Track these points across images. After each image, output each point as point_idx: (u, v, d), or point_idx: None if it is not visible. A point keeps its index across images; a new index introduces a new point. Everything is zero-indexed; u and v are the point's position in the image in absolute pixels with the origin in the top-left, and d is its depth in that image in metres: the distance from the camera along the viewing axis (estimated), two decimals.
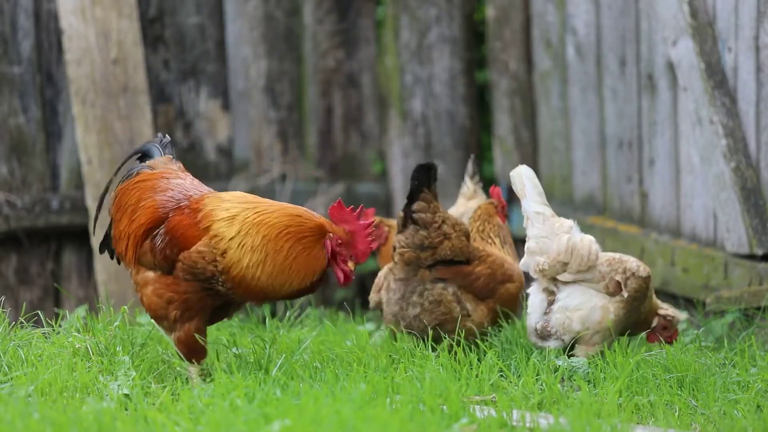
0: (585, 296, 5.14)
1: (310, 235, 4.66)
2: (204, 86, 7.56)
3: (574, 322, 5.11)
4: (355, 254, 4.68)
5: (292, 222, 4.67)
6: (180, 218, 4.71)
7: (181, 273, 4.67)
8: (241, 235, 4.65)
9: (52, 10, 7.17)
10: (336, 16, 7.75)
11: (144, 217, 4.78)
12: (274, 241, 4.64)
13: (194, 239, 4.66)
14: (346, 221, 4.69)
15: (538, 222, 5.17)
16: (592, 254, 5.14)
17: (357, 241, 4.68)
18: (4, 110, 7.14)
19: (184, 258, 4.66)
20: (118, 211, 4.86)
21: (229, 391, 4.38)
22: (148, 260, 4.74)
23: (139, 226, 4.77)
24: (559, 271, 5.14)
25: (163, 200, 4.79)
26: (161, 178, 4.87)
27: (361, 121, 7.85)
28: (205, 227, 4.66)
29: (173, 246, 4.68)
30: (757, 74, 5.98)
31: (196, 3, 7.50)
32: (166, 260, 4.69)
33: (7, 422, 4.04)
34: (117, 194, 4.88)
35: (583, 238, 5.17)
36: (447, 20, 7.75)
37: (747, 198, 6.03)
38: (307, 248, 4.65)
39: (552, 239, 5.14)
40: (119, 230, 4.83)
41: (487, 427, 4.16)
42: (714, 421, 4.44)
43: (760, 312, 5.91)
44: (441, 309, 5.16)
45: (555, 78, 7.39)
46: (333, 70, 7.77)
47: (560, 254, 5.13)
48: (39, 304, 7.19)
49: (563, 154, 7.38)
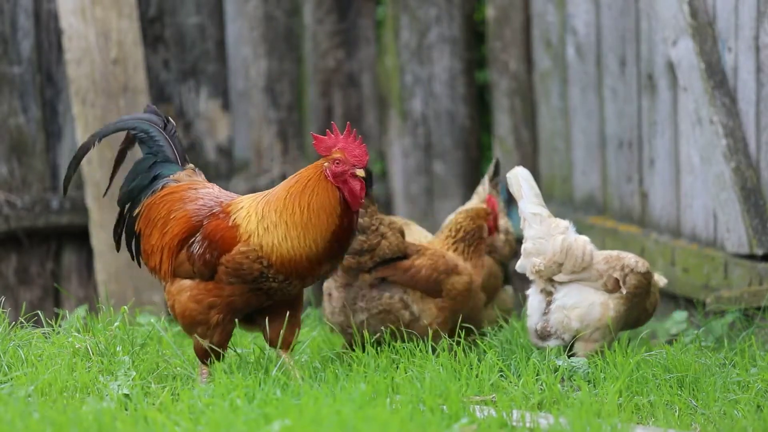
0: (582, 294, 5.15)
1: (310, 182, 4.66)
2: (204, 86, 7.56)
3: (572, 320, 5.12)
4: (354, 161, 4.65)
5: (291, 184, 4.69)
6: (216, 222, 4.70)
7: (225, 276, 4.65)
8: (260, 221, 4.65)
9: (52, 10, 7.17)
10: (336, 16, 7.75)
11: (177, 227, 4.75)
12: (284, 208, 4.64)
13: (233, 240, 4.65)
14: (331, 145, 4.69)
15: (535, 223, 5.18)
16: (587, 255, 5.14)
17: (350, 150, 4.67)
18: (4, 110, 7.14)
19: (227, 261, 4.64)
20: (147, 226, 4.83)
21: (229, 391, 4.38)
22: (186, 270, 4.71)
23: (173, 237, 4.75)
24: (555, 272, 5.15)
25: (195, 209, 4.77)
26: (188, 189, 4.85)
27: (361, 121, 7.85)
28: (237, 228, 4.66)
29: (213, 250, 4.66)
30: (757, 74, 5.98)
31: (196, 3, 7.50)
32: (207, 266, 4.67)
33: (7, 422, 4.04)
34: (144, 209, 4.84)
35: (577, 238, 5.18)
36: (447, 20, 7.75)
37: (747, 198, 6.03)
38: (314, 192, 4.65)
39: (548, 240, 5.15)
40: (151, 245, 4.80)
41: (487, 427, 4.16)
42: (714, 421, 4.44)
43: (760, 312, 5.91)
44: (390, 318, 5.18)
45: (555, 78, 7.39)
46: (333, 70, 7.77)
47: (555, 255, 5.14)
48: (39, 304, 7.19)
49: (563, 154, 7.37)
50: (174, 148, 4.95)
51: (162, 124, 4.96)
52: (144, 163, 4.93)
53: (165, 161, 4.93)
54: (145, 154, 4.95)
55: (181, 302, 4.70)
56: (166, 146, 4.94)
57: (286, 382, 4.58)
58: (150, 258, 4.81)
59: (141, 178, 4.91)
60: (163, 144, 4.94)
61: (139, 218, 4.86)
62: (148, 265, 4.84)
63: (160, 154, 4.94)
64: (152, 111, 5.02)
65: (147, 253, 4.83)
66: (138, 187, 4.90)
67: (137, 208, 4.87)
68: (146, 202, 4.86)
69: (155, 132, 4.95)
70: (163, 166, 4.93)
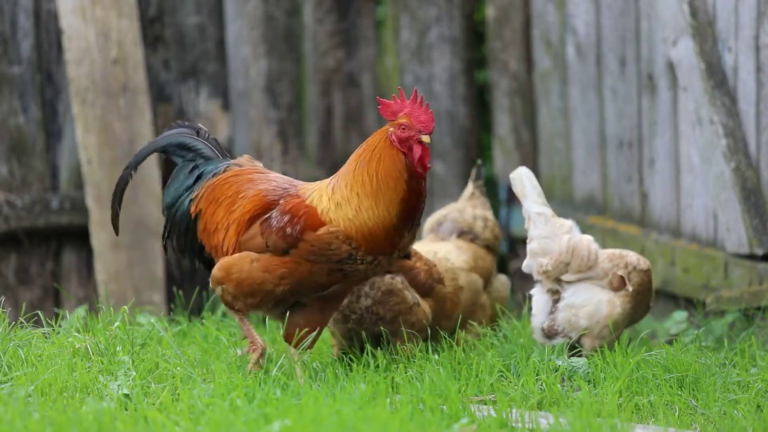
0: (590, 292, 5.17)
1: (376, 149, 4.64)
2: (204, 86, 7.56)
3: (581, 318, 5.14)
4: (420, 127, 4.64)
5: (358, 154, 4.67)
6: (298, 200, 4.68)
7: (306, 254, 4.62)
8: (331, 197, 4.65)
9: (52, 10, 7.17)
10: (336, 16, 7.74)
11: (250, 204, 4.73)
12: (354, 180, 4.63)
13: (318, 219, 4.62)
14: (397, 110, 4.68)
15: (540, 223, 5.20)
16: (592, 254, 5.17)
17: (416, 115, 4.67)
18: (4, 110, 7.14)
19: (313, 240, 4.62)
20: (210, 205, 4.80)
21: (229, 391, 4.38)
22: (257, 243, 4.68)
23: (243, 213, 4.72)
24: (562, 272, 5.16)
25: (269, 188, 4.76)
26: (255, 172, 4.85)
27: (361, 121, 7.85)
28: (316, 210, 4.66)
29: (294, 225, 4.62)
30: (757, 74, 5.97)
31: (196, 3, 7.50)
32: (285, 239, 4.63)
33: (7, 422, 4.04)
34: (205, 190, 4.83)
35: (582, 238, 5.20)
36: (447, 20, 7.75)
37: (747, 198, 6.03)
38: (381, 159, 4.63)
39: (554, 240, 5.17)
40: (215, 221, 4.78)
41: (487, 427, 4.16)
42: (714, 421, 4.44)
43: (760, 312, 5.91)
44: (394, 299, 5.16)
45: (555, 78, 7.39)
46: (333, 70, 7.77)
47: (562, 254, 5.16)
48: (39, 304, 7.19)
49: (563, 154, 7.37)
50: (213, 149, 4.94)
51: (194, 132, 4.97)
52: (181, 171, 4.93)
53: (205, 161, 4.92)
54: (180, 163, 4.95)
55: (245, 269, 4.68)
56: (204, 149, 4.94)
57: (287, 382, 4.58)
58: (213, 236, 4.80)
59: (184, 180, 4.91)
60: (200, 147, 4.94)
61: (197, 200, 4.84)
62: (208, 244, 4.81)
63: (198, 158, 4.93)
64: (179, 126, 5.03)
65: (209, 232, 4.81)
66: (183, 187, 4.90)
67: (196, 192, 4.85)
68: (208, 184, 4.84)
69: (189, 140, 4.96)
70: (205, 164, 4.91)
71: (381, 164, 4.63)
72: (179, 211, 4.91)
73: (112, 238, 7.15)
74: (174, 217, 4.93)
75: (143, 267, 7.21)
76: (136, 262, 7.19)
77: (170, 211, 4.95)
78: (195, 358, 4.98)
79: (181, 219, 4.90)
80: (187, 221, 4.88)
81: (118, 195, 5.07)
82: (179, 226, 4.91)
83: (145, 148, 5.06)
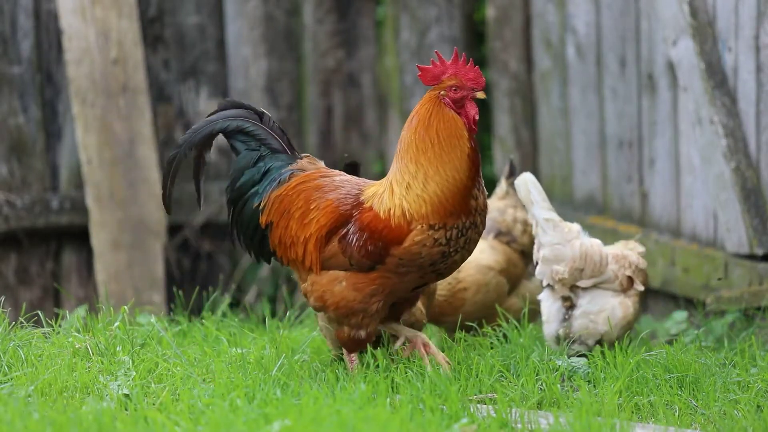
0: (604, 298, 5.18)
1: (432, 116, 4.57)
2: (204, 86, 7.56)
3: (599, 324, 5.15)
4: (472, 85, 4.57)
5: (413, 127, 4.59)
6: (370, 214, 4.59)
7: (394, 267, 4.54)
8: (399, 183, 4.59)
9: (52, 10, 7.17)
10: (336, 16, 7.75)
11: (324, 218, 4.62)
12: (417, 154, 4.56)
13: (401, 230, 4.53)
14: (438, 73, 4.60)
15: (549, 229, 5.17)
16: (603, 258, 5.17)
17: (464, 74, 4.58)
18: (4, 110, 7.14)
19: (400, 253, 4.53)
20: (281, 217, 4.67)
21: (229, 391, 4.38)
22: (340, 262, 4.59)
23: (319, 228, 4.61)
24: (577, 278, 5.16)
25: (339, 197, 4.65)
26: (320, 177, 4.72)
27: (361, 121, 7.85)
28: (401, 217, 4.56)
29: (376, 241, 4.54)
30: (757, 74, 5.97)
31: (196, 3, 7.50)
32: (369, 257, 4.55)
33: (7, 422, 4.04)
34: (272, 201, 4.68)
35: (592, 242, 5.20)
36: (447, 20, 7.75)
37: (747, 198, 6.03)
38: (440, 122, 4.56)
39: (565, 246, 5.15)
40: (289, 235, 4.64)
41: (487, 427, 4.16)
42: (714, 421, 4.44)
43: (760, 312, 5.91)
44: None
45: (555, 78, 7.39)
46: (333, 70, 7.77)
47: (576, 261, 5.14)
48: (39, 304, 7.19)
49: (563, 154, 7.37)
50: (279, 139, 4.77)
51: (257, 117, 4.78)
52: (244, 160, 4.76)
53: (271, 153, 4.76)
54: (244, 151, 4.76)
55: (336, 292, 4.59)
56: (269, 138, 4.76)
57: (287, 382, 4.58)
58: (290, 249, 4.66)
59: (249, 173, 4.75)
60: (264, 136, 4.76)
61: (265, 211, 4.70)
62: (285, 257, 4.69)
63: (263, 147, 4.76)
64: (232, 105, 4.84)
65: (284, 245, 4.67)
66: (249, 182, 4.74)
67: (259, 201, 4.71)
68: (274, 194, 4.69)
69: (251, 126, 4.78)
70: (272, 159, 4.75)
71: (440, 127, 4.54)
72: (246, 210, 4.74)
73: (112, 238, 7.16)
74: (240, 215, 4.76)
75: (143, 267, 7.21)
76: (136, 262, 7.20)
77: (234, 204, 4.76)
78: (195, 358, 4.98)
79: (248, 222, 4.74)
80: (255, 227, 4.73)
81: (170, 175, 4.84)
82: (246, 229, 4.75)
83: (201, 127, 4.82)
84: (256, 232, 4.74)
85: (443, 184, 4.53)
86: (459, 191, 4.53)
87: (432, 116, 4.58)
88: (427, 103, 4.60)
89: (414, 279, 4.60)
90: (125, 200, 7.25)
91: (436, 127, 4.56)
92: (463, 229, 4.55)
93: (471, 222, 4.56)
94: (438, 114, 4.57)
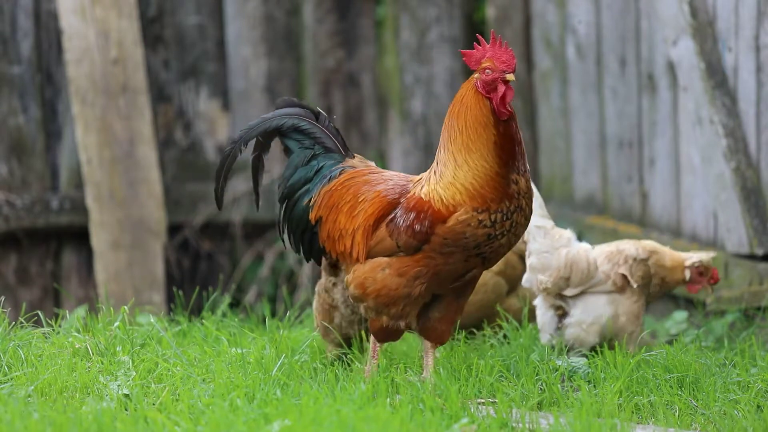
0: (597, 308, 5.14)
1: (465, 99, 4.55)
2: (204, 86, 7.56)
3: (590, 335, 5.13)
4: (503, 67, 4.52)
5: (450, 110, 4.58)
6: (416, 197, 4.56)
7: (439, 247, 4.50)
8: (433, 173, 4.56)
9: (51, 10, 7.17)
10: (336, 16, 7.74)
11: (372, 207, 4.61)
12: (448, 139, 4.54)
13: (447, 209, 4.49)
14: (480, 57, 4.56)
15: (539, 236, 5.14)
16: (591, 265, 5.13)
17: (497, 56, 4.54)
18: (4, 110, 7.14)
19: (445, 232, 4.49)
20: (330, 212, 4.67)
21: (229, 391, 4.38)
22: (387, 246, 4.56)
23: (367, 217, 4.60)
24: (562, 287, 5.12)
25: (387, 188, 4.63)
26: (369, 173, 4.72)
27: (361, 121, 7.85)
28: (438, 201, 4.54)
29: (423, 220, 4.50)
30: (757, 74, 5.97)
31: (196, 3, 7.50)
32: (416, 237, 4.50)
33: (7, 422, 4.04)
34: (322, 196, 4.68)
35: (579, 249, 5.14)
36: (447, 20, 7.75)
37: (747, 198, 6.03)
38: (468, 108, 4.54)
39: (552, 254, 5.12)
40: (338, 229, 4.64)
41: (487, 427, 4.16)
42: (714, 421, 4.44)
43: (760, 312, 5.91)
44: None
45: (555, 78, 7.39)
46: (333, 70, 7.77)
47: (560, 270, 5.11)
48: (39, 304, 7.19)
49: (563, 154, 7.37)
50: (333, 138, 4.77)
51: (313, 117, 4.78)
52: (299, 158, 4.76)
53: (325, 152, 4.77)
54: (297, 149, 4.76)
55: (379, 279, 4.56)
56: (324, 137, 4.76)
57: (287, 382, 4.58)
58: (338, 242, 4.65)
59: (302, 170, 4.75)
60: (319, 135, 4.76)
61: (315, 206, 4.70)
62: (334, 251, 4.67)
63: (317, 146, 4.76)
64: (288, 104, 4.84)
65: (333, 239, 4.67)
66: (301, 180, 4.74)
67: (309, 198, 4.72)
68: (324, 189, 4.70)
69: (307, 125, 4.78)
70: (325, 157, 4.76)
71: (468, 113, 4.53)
72: (296, 208, 4.75)
73: (112, 238, 7.16)
74: (291, 213, 4.76)
75: (143, 267, 7.21)
76: (136, 262, 7.20)
77: (286, 202, 4.77)
78: (195, 358, 4.98)
79: (299, 220, 4.74)
80: (305, 225, 4.73)
81: (224, 171, 4.81)
82: (296, 227, 4.75)
83: (257, 125, 4.80)
84: (306, 229, 4.74)
85: (472, 172, 4.51)
86: (491, 179, 4.49)
87: (464, 101, 4.56)
88: (463, 88, 4.59)
89: (458, 262, 4.53)
90: (125, 200, 7.25)
91: (465, 114, 4.55)
92: (507, 213, 4.50)
93: (516, 206, 4.51)
94: (470, 100, 4.55)
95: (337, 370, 4.76)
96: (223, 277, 7.50)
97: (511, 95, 4.52)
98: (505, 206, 4.50)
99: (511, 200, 4.50)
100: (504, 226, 4.50)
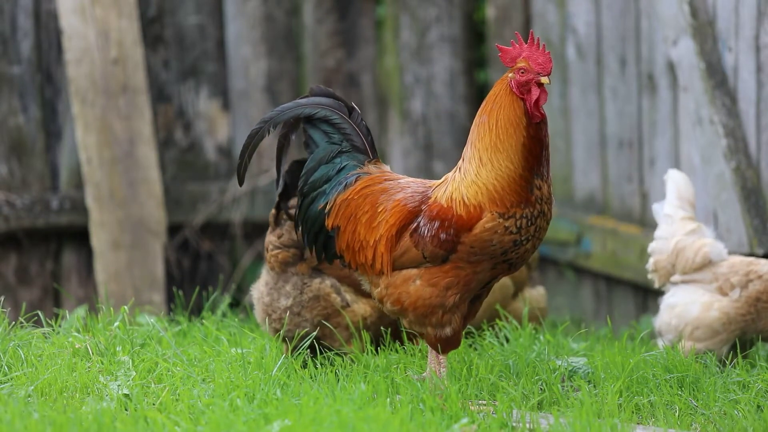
0: (687, 294, 5.24)
1: (498, 98, 4.48)
2: (204, 86, 7.56)
3: (673, 319, 5.21)
4: (539, 69, 4.44)
5: (482, 107, 4.50)
6: (439, 204, 4.48)
7: (466, 256, 4.43)
8: (458, 171, 4.51)
9: (51, 10, 7.17)
10: (336, 16, 7.75)
11: (393, 218, 4.53)
12: (477, 137, 4.49)
13: (471, 216, 4.43)
14: (516, 55, 4.48)
15: (665, 224, 5.36)
16: (698, 257, 5.23)
17: (534, 57, 4.46)
18: (4, 110, 7.14)
19: (472, 241, 4.42)
20: (349, 222, 4.57)
21: (229, 391, 4.38)
22: (413, 257, 4.48)
23: (389, 228, 4.52)
24: (670, 272, 5.31)
25: (406, 197, 4.56)
26: (385, 180, 4.64)
27: None
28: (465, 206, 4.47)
29: (448, 228, 4.42)
30: (757, 74, 5.98)
31: (196, 3, 7.50)
32: (442, 246, 4.43)
33: (7, 422, 4.04)
34: (338, 205, 4.59)
35: (695, 241, 5.29)
36: (447, 20, 7.75)
37: (747, 198, 6.03)
38: (501, 107, 4.46)
39: (669, 241, 5.32)
40: (357, 240, 4.56)
41: (487, 427, 4.16)
42: (714, 422, 4.44)
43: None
44: (321, 303, 4.99)
45: (555, 78, 7.38)
46: (333, 70, 7.77)
47: (668, 255, 5.30)
48: (39, 304, 7.19)
49: (563, 153, 7.38)
50: (363, 138, 4.67)
51: (346, 111, 4.68)
52: (325, 152, 4.65)
53: (352, 151, 4.65)
54: (324, 142, 4.65)
55: (412, 292, 4.48)
56: (353, 134, 4.66)
57: (287, 382, 4.58)
58: (358, 254, 4.56)
59: (325, 168, 4.65)
60: (349, 132, 4.66)
61: (331, 214, 4.61)
62: (353, 261, 4.58)
63: (345, 143, 4.66)
64: (323, 93, 4.73)
65: (352, 250, 4.57)
66: (323, 178, 4.64)
67: (324, 203, 4.63)
68: (340, 198, 4.60)
69: (338, 119, 4.67)
70: (350, 156, 4.64)
71: (501, 113, 4.44)
72: (312, 209, 4.64)
73: (112, 238, 7.16)
74: (306, 212, 4.65)
75: (143, 267, 7.21)
76: (136, 262, 7.20)
77: (304, 198, 4.66)
78: (195, 358, 4.98)
79: (313, 222, 4.64)
80: (319, 228, 4.63)
81: (250, 149, 4.67)
82: (310, 228, 4.65)
83: (288, 108, 4.68)
84: (321, 232, 4.65)
85: (495, 172, 4.45)
86: (514, 181, 4.43)
87: (497, 101, 4.48)
88: (498, 85, 4.50)
89: (486, 269, 4.47)
90: (125, 200, 7.25)
91: (497, 113, 4.47)
92: (531, 218, 4.44)
93: (539, 211, 4.45)
94: (503, 99, 4.47)
95: (337, 370, 4.77)
96: (223, 277, 7.50)
97: (544, 98, 4.46)
98: (529, 211, 4.44)
99: (534, 206, 4.44)
100: (529, 231, 4.45)
